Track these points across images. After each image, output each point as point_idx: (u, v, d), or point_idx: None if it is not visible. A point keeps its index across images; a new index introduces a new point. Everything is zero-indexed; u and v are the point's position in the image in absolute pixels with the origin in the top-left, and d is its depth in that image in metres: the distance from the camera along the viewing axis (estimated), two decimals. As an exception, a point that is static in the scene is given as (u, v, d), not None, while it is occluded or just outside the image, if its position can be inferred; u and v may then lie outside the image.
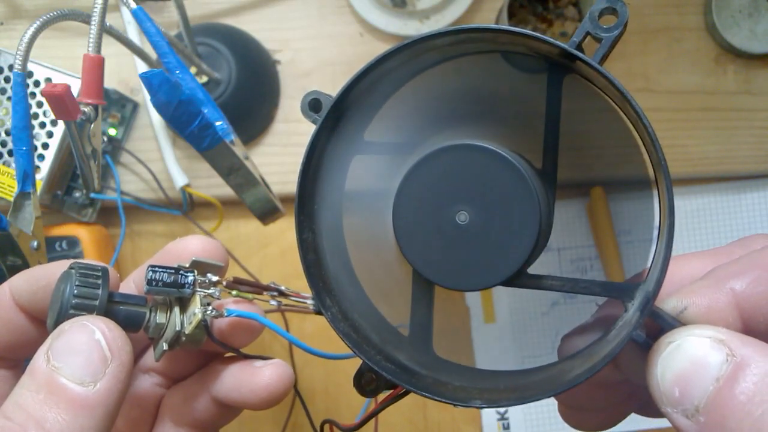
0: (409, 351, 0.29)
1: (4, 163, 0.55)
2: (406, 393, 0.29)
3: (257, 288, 0.30)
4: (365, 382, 0.29)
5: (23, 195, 0.43)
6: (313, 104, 0.28)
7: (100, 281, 0.27)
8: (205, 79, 0.58)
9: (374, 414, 0.30)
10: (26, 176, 0.42)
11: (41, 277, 0.29)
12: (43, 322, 0.29)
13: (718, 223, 0.63)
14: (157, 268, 0.28)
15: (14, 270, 0.43)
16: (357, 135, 0.29)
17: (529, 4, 0.62)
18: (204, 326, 0.28)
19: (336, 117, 0.28)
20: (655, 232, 0.26)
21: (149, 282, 0.28)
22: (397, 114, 0.29)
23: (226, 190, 0.48)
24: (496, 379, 0.28)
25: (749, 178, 0.62)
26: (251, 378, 0.30)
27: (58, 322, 0.26)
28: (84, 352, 0.25)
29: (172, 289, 0.28)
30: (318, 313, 0.28)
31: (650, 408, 0.30)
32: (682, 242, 0.63)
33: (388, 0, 0.60)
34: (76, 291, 0.26)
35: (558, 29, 0.62)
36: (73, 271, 0.27)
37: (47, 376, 0.25)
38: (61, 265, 0.29)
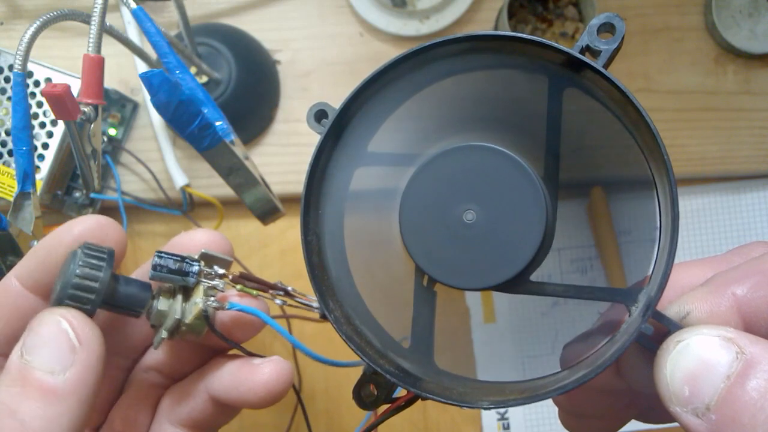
0: (410, 360, 0.29)
1: (4, 163, 0.55)
2: (407, 405, 0.29)
3: (263, 285, 0.30)
4: (365, 395, 0.29)
5: (23, 195, 0.43)
6: (319, 115, 0.28)
7: (104, 263, 0.27)
8: (205, 79, 0.58)
9: (374, 426, 0.30)
10: (26, 176, 0.42)
11: (38, 249, 0.29)
12: None
13: (718, 223, 0.63)
14: (163, 254, 0.28)
15: (14, 270, 0.43)
16: (361, 147, 0.29)
17: (528, 4, 0.62)
18: (204, 317, 0.28)
19: (340, 127, 0.28)
20: (656, 232, 0.26)
21: (155, 267, 0.28)
22: (399, 125, 0.29)
23: (226, 190, 0.48)
24: (501, 387, 0.28)
25: (749, 178, 0.62)
26: (249, 376, 0.29)
27: (58, 301, 0.26)
28: (52, 342, 0.25)
29: (176, 276, 0.28)
30: (323, 318, 0.28)
31: (650, 414, 0.30)
32: (682, 242, 0.63)
33: (388, 0, 0.60)
34: (78, 271, 0.27)
35: (558, 29, 0.62)
36: (79, 251, 0.27)
37: (20, 369, 0.25)
38: (57, 235, 0.29)
